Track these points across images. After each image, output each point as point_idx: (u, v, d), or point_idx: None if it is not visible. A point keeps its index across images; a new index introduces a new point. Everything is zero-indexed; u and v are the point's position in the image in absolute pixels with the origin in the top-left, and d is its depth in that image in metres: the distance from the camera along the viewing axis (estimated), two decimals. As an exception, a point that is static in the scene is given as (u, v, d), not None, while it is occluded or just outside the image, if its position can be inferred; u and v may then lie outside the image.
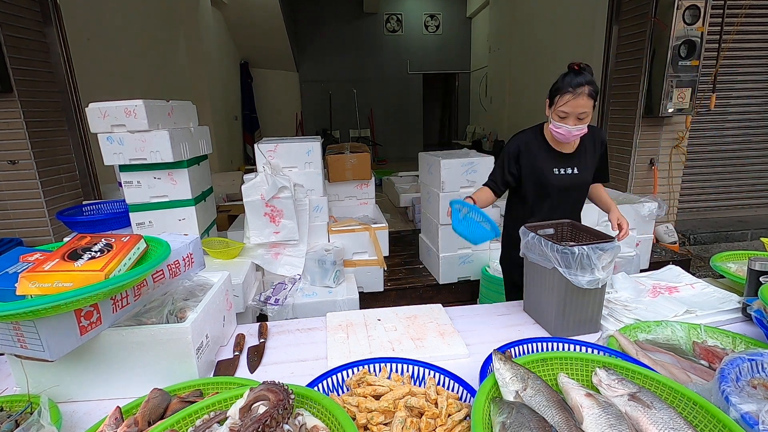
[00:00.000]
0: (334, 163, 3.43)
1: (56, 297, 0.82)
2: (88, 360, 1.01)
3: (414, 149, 6.69)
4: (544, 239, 1.26)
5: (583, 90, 1.54)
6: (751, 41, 4.15)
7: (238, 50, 8.63)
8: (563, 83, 1.58)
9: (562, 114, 1.59)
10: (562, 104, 1.58)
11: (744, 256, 1.67)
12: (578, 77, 1.56)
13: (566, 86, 1.57)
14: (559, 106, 1.59)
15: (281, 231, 2.63)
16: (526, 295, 1.46)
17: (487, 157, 2.91)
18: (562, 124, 1.60)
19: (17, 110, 2.85)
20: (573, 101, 1.55)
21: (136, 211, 2.40)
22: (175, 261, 1.22)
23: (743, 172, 4.59)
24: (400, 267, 3.48)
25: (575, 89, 1.55)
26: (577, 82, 1.55)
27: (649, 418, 0.72)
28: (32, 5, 3.00)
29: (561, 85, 1.59)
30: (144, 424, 0.82)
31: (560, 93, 1.58)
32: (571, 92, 1.55)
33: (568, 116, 1.59)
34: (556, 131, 1.64)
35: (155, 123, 2.24)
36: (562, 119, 1.60)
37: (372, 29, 10.51)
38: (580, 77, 1.56)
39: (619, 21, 4.06)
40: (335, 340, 1.26)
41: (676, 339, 1.14)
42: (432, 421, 0.83)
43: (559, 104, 1.59)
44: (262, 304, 2.36)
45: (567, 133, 1.61)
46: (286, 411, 0.73)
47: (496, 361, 0.86)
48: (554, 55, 6.32)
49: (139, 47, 4.88)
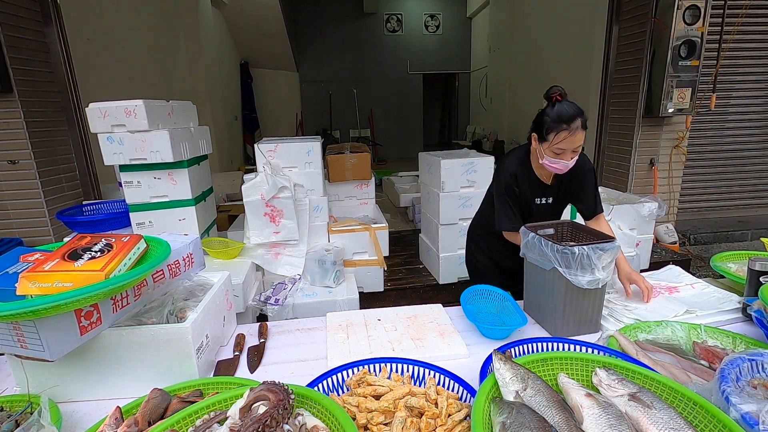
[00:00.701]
0: (334, 163, 3.43)
1: (56, 297, 0.82)
2: (88, 360, 1.01)
3: (414, 149, 6.69)
4: (544, 239, 1.26)
5: (578, 124, 1.46)
6: (751, 41, 4.16)
7: (238, 50, 8.63)
8: (555, 118, 1.48)
9: (558, 151, 1.50)
10: (559, 142, 1.48)
11: (744, 256, 1.67)
12: (569, 109, 1.47)
13: (559, 122, 1.47)
14: (555, 144, 1.49)
15: (281, 231, 2.63)
16: (526, 295, 1.46)
17: (487, 157, 2.91)
18: (559, 160, 1.52)
19: (17, 110, 2.85)
20: (570, 138, 1.47)
21: (136, 211, 2.40)
22: (175, 261, 1.22)
23: (743, 172, 4.59)
24: (400, 267, 3.48)
25: (570, 125, 1.46)
26: (569, 117, 1.46)
27: (649, 418, 0.72)
28: (32, 5, 3.00)
29: (552, 122, 1.49)
30: (144, 424, 0.82)
31: (555, 131, 1.48)
32: (566, 129, 1.46)
33: (565, 152, 1.51)
34: (552, 166, 1.56)
35: (155, 123, 2.24)
36: (558, 155, 1.52)
37: (372, 29, 10.51)
38: (570, 109, 1.47)
39: (619, 21, 4.06)
40: (335, 340, 1.26)
41: (676, 339, 1.14)
42: (432, 421, 0.83)
43: (555, 142, 1.49)
44: (262, 304, 2.36)
45: (564, 168, 1.55)
46: (286, 411, 0.73)
47: (496, 361, 0.86)
48: (554, 55, 6.31)
49: (138, 47, 4.89)
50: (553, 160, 1.54)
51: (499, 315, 1.40)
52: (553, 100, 1.52)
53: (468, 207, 2.92)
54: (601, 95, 4.38)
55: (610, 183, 4.29)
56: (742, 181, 4.62)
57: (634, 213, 3.12)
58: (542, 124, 1.53)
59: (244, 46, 8.57)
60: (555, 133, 1.48)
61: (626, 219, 3.16)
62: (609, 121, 4.32)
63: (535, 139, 1.59)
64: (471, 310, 1.38)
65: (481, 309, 1.44)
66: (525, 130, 1.81)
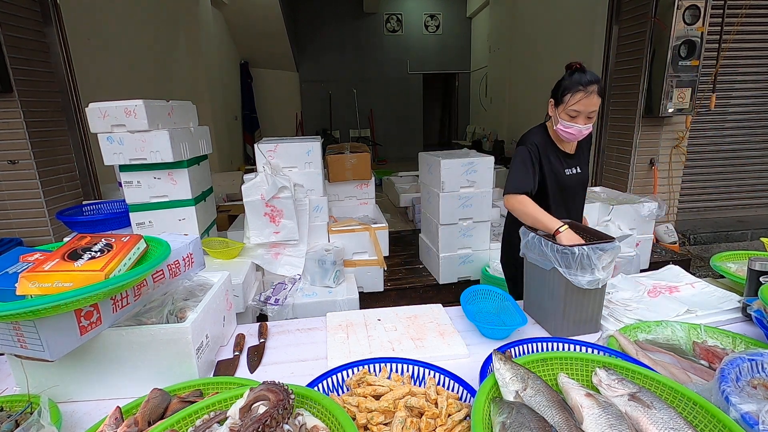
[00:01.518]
0: (334, 163, 3.43)
1: (56, 297, 0.82)
2: (88, 360, 1.01)
3: (414, 149, 6.69)
4: (544, 239, 1.26)
5: (594, 88, 1.52)
6: (751, 41, 4.15)
7: (238, 50, 8.63)
8: (572, 81, 1.54)
9: (573, 113, 1.55)
10: (574, 103, 1.53)
11: (744, 256, 1.67)
12: (586, 75, 1.53)
13: (576, 84, 1.52)
14: (571, 105, 1.54)
15: (281, 231, 2.63)
16: (526, 295, 1.46)
17: (487, 157, 2.91)
18: (573, 124, 1.57)
19: (17, 110, 2.85)
20: (585, 99, 1.52)
21: (136, 211, 2.40)
22: (175, 261, 1.22)
23: (743, 172, 4.59)
24: (400, 267, 3.48)
25: (586, 87, 1.51)
26: (587, 80, 1.52)
27: (649, 418, 0.72)
28: (32, 5, 3.00)
29: (570, 84, 1.54)
30: (144, 424, 0.82)
31: (571, 91, 1.54)
32: (582, 90, 1.51)
33: (579, 115, 1.55)
34: (565, 131, 1.60)
35: (155, 123, 2.24)
36: (573, 118, 1.56)
37: (372, 29, 10.51)
38: (588, 75, 1.53)
39: (619, 21, 4.06)
40: (335, 340, 1.26)
41: (676, 339, 1.14)
42: (432, 421, 0.83)
43: (571, 103, 1.54)
44: (262, 304, 2.36)
45: (577, 132, 1.58)
46: (286, 411, 0.73)
47: (496, 361, 0.86)
48: (554, 55, 6.31)
49: (139, 47, 4.89)
50: (567, 123, 1.57)
51: (499, 315, 1.40)
52: (573, 67, 1.57)
53: (468, 207, 2.92)
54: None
55: (610, 183, 4.29)
56: (742, 181, 4.62)
57: (634, 213, 3.12)
58: (559, 87, 1.59)
59: (244, 46, 8.57)
60: (571, 93, 1.53)
61: (626, 219, 3.16)
62: (609, 121, 4.32)
63: (552, 105, 1.64)
64: (471, 310, 1.38)
65: (481, 309, 1.44)
66: (525, 130, 1.82)
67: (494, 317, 1.39)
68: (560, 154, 1.73)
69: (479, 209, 2.95)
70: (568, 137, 1.63)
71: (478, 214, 2.96)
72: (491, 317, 1.39)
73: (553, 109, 1.63)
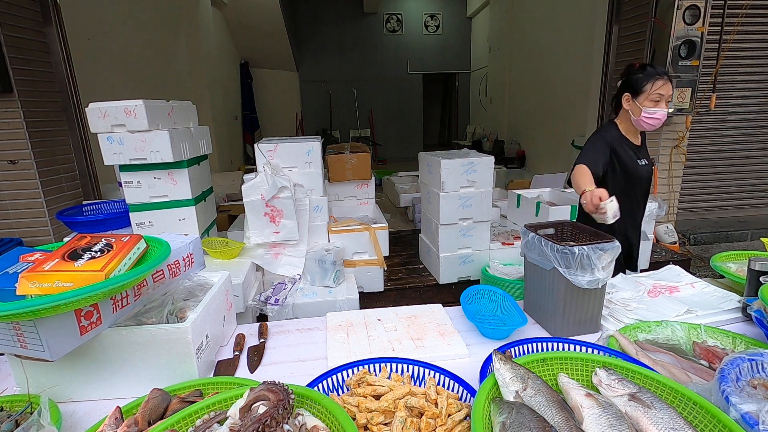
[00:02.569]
0: (334, 163, 3.43)
1: (56, 297, 0.82)
2: (88, 360, 1.01)
3: (414, 149, 6.70)
4: (545, 239, 1.26)
5: (667, 77, 1.67)
6: (751, 41, 4.15)
7: (238, 50, 8.63)
8: (648, 73, 1.68)
9: (658, 97, 1.67)
10: (658, 87, 1.66)
11: (744, 256, 1.67)
12: (656, 68, 1.68)
13: (653, 74, 1.66)
14: (656, 90, 1.66)
15: (281, 231, 2.63)
16: (526, 295, 1.46)
17: (487, 157, 2.90)
18: (657, 109, 1.68)
19: (17, 110, 2.85)
20: (665, 85, 1.66)
21: (136, 211, 2.40)
22: (175, 261, 1.22)
23: (743, 172, 4.59)
24: (400, 267, 3.48)
25: (662, 75, 1.66)
26: (662, 71, 1.67)
27: (649, 418, 0.72)
28: (32, 5, 3.00)
29: (647, 74, 1.68)
30: (144, 424, 0.82)
31: (650, 80, 1.67)
32: (661, 78, 1.65)
33: (662, 99, 1.67)
34: (651, 117, 1.69)
35: (155, 123, 2.24)
36: (657, 103, 1.67)
37: (372, 29, 10.51)
38: (657, 68, 1.69)
39: (619, 21, 4.06)
40: (335, 340, 1.26)
41: (676, 339, 1.14)
42: (432, 421, 0.83)
43: (654, 89, 1.67)
44: (262, 304, 2.36)
45: (662, 116, 1.69)
46: (286, 411, 0.73)
47: (496, 361, 0.86)
48: (554, 55, 6.31)
49: (139, 47, 4.88)
50: (652, 110, 1.69)
51: (499, 315, 1.40)
52: (637, 66, 1.73)
53: (468, 207, 2.92)
54: (601, 95, 4.37)
55: (610, 183, 4.28)
56: (742, 181, 4.61)
57: (634, 213, 3.11)
58: (635, 82, 1.71)
59: (244, 46, 8.57)
60: (652, 82, 1.68)
61: (626, 219, 3.15)
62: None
63: (628, 99, 1.75)
64: (471, 310, 1.38)
65: (481, 309, 1.44)
66: (525, 130, 1.84)
67: (494, 317, 1.39)
68: (632, 147, 1.84)
69: (479, 209, 2.95)
70: (653, 123, 1.72)
71: (478, 214, 2.96)
72: (491, 317, 1.40)
73: (631, 102, 1.74)
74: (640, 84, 1.70)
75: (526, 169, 7.50)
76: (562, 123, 6.06)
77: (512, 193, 3.64)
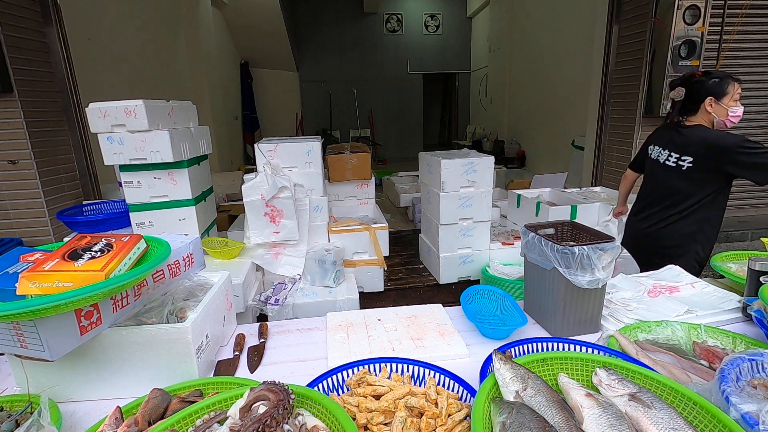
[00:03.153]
0: (334, 163, 3.43)
1: (56, 297, 0.82)
2: (88, 360, 1.01)
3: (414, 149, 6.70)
4: (545, 239, 1.26)
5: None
6: (751, 41, 4.15)
7: (238, 50, 8.63)
8: (722, 76, 1.87)
9: (738, 96, 1.87)
10: (737, 89, 1.87)
11: (744, 256, 1.67)
12: (724, 72, 1.89)
13: (728, 77, 1.87)
14: (737, 90, 1.87)
15: (281, 231, 2.63)
16: (526, 295, 1.46)
17: (487, 157, 2.90)
18: (738, 107, 1.87)
19: (17, 110, 2.85)
20: (739, 86, 1.87)
21: (136, 211, 2.40)
22: (175, 261, 1.22)
23: (743, 172, 4.58)
24: (400, 267, 3.48)
25: (735, 78, 1.86)
26: (728, 73, 1.88)
27: (649, 418, 0.72)
28: (32, 5, 3.00)
29: (724, 78, 1.87)
30: (144, 424, 0.82)
31: (730, 83, 1.86)
32: (734, 79, 1.86)
33: (739, 99, 1.87)
34: (735, 115, 1.88)
35: (155, 123, 2.24)
36: (737, 101, 1.88)
37: (372, 29, 10.51)
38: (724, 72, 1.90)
39: (619, 21, 4.06)
40: (335, 340, 1.26)
41: (676, 339, 1.14)
42: (432, 421, 0.83)
43: (736, 89, 1.87)
44: (262, 304, 2.36)
45: (742, 114, 1.88)
46: (286, 411, 0.73)
47: (496, 361, 0.86)
48: (554, 55, 6.31)
49: (139, 47, 4.89)
50: (736, 108, 1.88)
51: (499, 315, 1.40)
52: (699, 74, 1.93)
53: (468, 207, 2.92)
54: (601, 95, 4.37)
55: (610, 183, 4.28)
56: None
57: (634, 213, 3.11)
58: (715, 86, 1.88)
59: (244, 46, 8.57)
60: (732, 84, 1.87)
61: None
62: (609, 121, 4.32)
63: (712, 103, 1.90)
64: (471, 310, 1.38)
65: (482, 309, 1.44)
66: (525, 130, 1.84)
67: (494, 317, 1.39)
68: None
69: (479, 209, 2.95)
70: (735, 121, 1.90)
71: (479, 214, 2.96)
72: (491, 317, 1.40)
73: (716, 105, 1.89)
74: (722, 87, 1.87)
75: (526, 169, 7.51)
76: (562, 123, 6.07)
77: (512, 193, 3.64)
